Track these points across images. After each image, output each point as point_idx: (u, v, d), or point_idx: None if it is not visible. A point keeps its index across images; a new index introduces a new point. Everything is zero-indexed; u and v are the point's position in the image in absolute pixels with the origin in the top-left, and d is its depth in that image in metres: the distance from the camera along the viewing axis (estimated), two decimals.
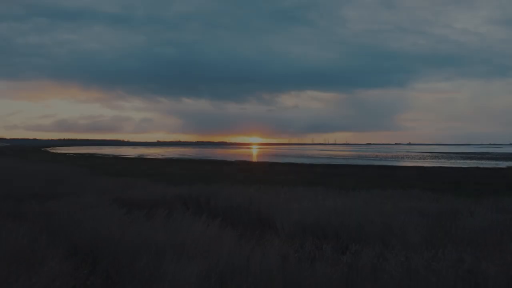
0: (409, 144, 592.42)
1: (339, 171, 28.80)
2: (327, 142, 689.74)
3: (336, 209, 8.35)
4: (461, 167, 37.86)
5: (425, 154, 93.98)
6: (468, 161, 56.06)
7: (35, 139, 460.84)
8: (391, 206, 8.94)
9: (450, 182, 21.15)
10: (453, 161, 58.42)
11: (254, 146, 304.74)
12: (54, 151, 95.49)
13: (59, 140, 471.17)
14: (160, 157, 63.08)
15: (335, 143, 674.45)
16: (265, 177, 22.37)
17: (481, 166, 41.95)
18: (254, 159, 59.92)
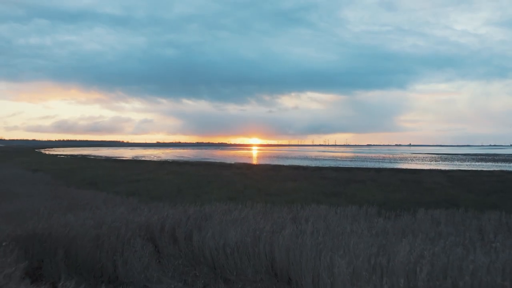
0: (410, 145, 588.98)
1: (353, 176, 24.96)
2: (327, 143, 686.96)
3: (416, 264, 4.54)
4: (485, 171, 33.97)
5: (432, 155, 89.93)
6: (484, 164, 52.10)
7: (34, 140, 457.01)
8: (500, 247, 5.13)
9: (493, 192, 17.25)
10: (467, 163, 54.44)
11: (254, 147, 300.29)
12: (48, 152, 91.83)
13: (58, 141, 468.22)
14: (154, 159, 59.11)
15: (335, 144, 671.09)
16: (270, 185, 18.50)
17: (505, 169, 38.18)
18: (255, 162, 55.93)
